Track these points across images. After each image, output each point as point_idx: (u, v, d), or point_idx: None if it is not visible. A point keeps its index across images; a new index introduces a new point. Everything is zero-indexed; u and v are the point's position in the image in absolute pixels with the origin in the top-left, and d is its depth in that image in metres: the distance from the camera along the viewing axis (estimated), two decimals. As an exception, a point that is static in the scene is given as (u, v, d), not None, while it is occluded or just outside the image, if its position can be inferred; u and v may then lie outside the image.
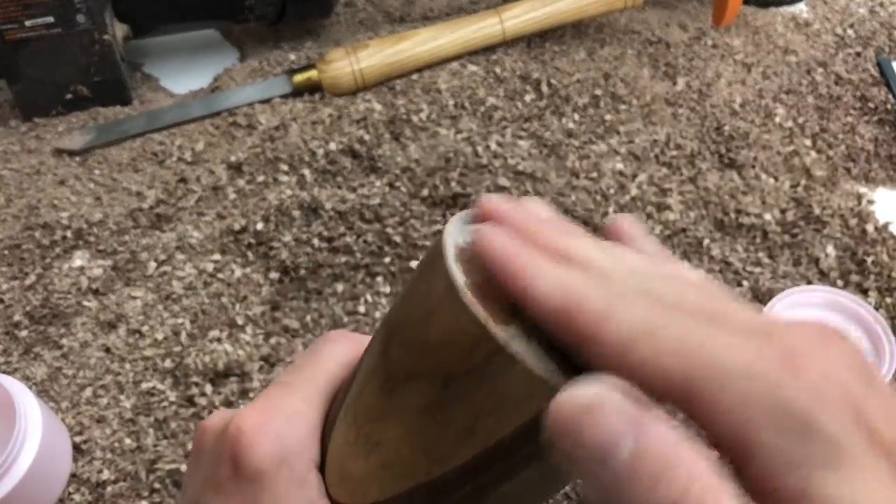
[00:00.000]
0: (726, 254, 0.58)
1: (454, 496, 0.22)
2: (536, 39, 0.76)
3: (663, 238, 0.58)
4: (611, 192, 0.61)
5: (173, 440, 0.48)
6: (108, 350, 0.52)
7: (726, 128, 0.67)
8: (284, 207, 0.59)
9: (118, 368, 0.51)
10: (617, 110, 0.69)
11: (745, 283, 0.56)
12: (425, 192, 0.60)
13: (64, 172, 0.64)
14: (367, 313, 0.55)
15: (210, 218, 0.60)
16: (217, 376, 0.50)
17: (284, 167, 0.63)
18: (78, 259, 0.58)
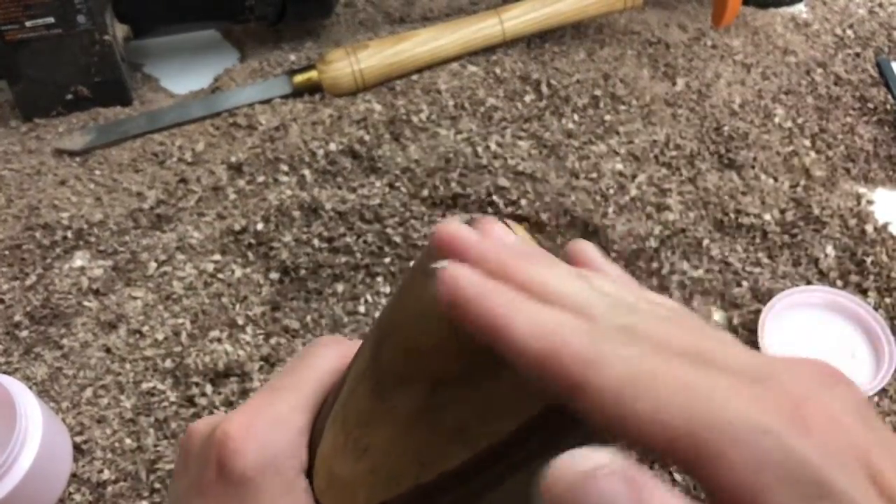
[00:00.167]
0: (726, 254, 0.58)
1: (444, 501, 0.22)
2: (536, 40, 0.76)
3: (663, 238, 0.58)
4: (610, 192, 0.61)
5: (173, 440, 0.48)
6: (108, 350, 0.52)
7: (726, 128, 0.67)
8: (285, 208, 0.59)
9: (118, 368, 0.51)
10: (616, 111, 0.69)
11: (744, 283, 0.56)
12: (425, 192, 0.60)
13: (64, 173, 0.64)
14: (367, 313, 0.55)
15: (210, 218, 0.60)
16: (217, 376, 0.50)
17: (284, 167, 0.63)
18: (78, 259, 0.58)
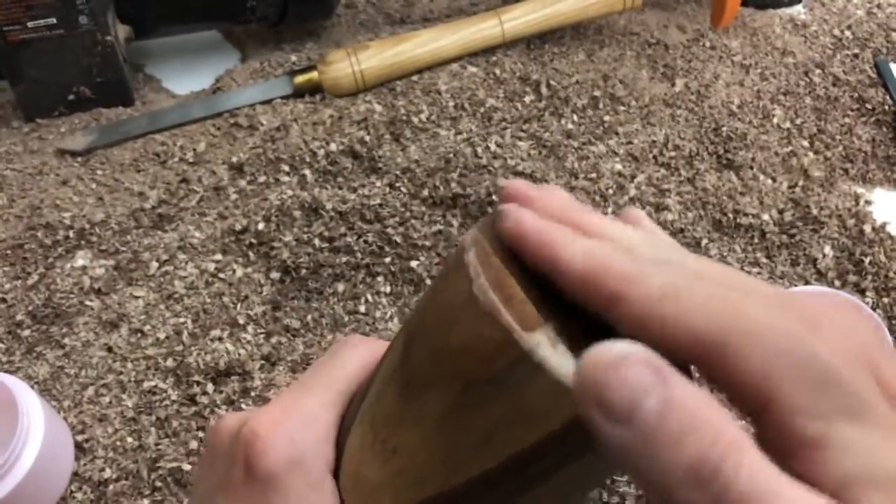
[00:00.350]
0: (724, 254, 0.58)
1: None
2: (536, 41, 0.76)
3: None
4: (610, 192, 0.61)
5: (175, 439, 0.48)
6: (110, 349, 0.52)
7: (724, 129, 0.68)
8: (285, 208, 0.59)
9: (120, 367, 0.51)
10: (616, 111, 0.69)
11: (743, 283, 0.56)
12: (425, 192, 0.61)
13: (66, 173, 0.64)
14: (367, 313, 0.55)
15: (211, 218, 0.60)
16: (218, 375, 0.51)
17: (285, 168, 0.64)
18: (80, 259, 0.58)
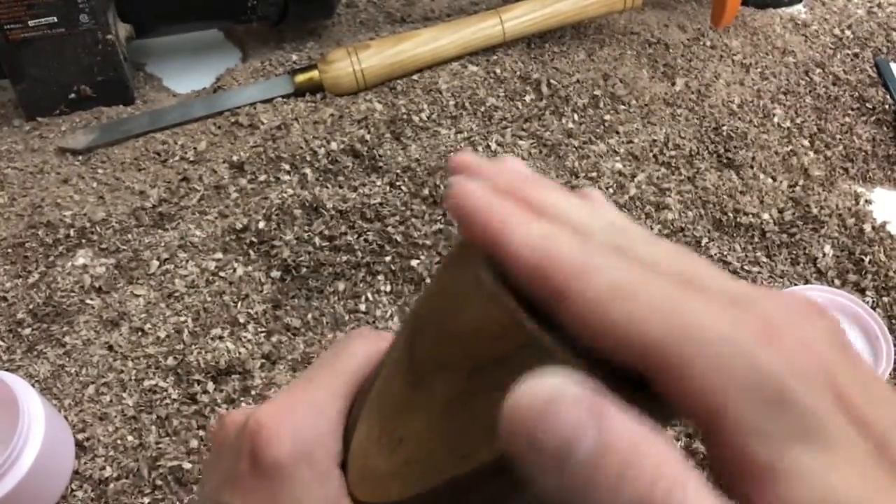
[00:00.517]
0: (724, 253, 0.58)
1: (480, 495, 0.21)
2: (536, 40, 0.76)
3: (662, 237, 0.59)
4: (610, 191, 0.61)
5: (175, 437, 0.48)
6: (110, 348, 0.52)
7: (725, 128, 0.68)
8: (286, 206, 0.60)
9: (121, 366, 0.51)
10: (616, 111, 0.69)
11: (743, 282, 0.56)
12: (426, 191, 0.61)
13: (67, 171, 0.64)
14: (367, 311, 0.55)
15: (212, 217, 0.60)
16: (219, 374, 0.51)
17: (286, 166, 0.64)
18: (81, 257, 0.58)
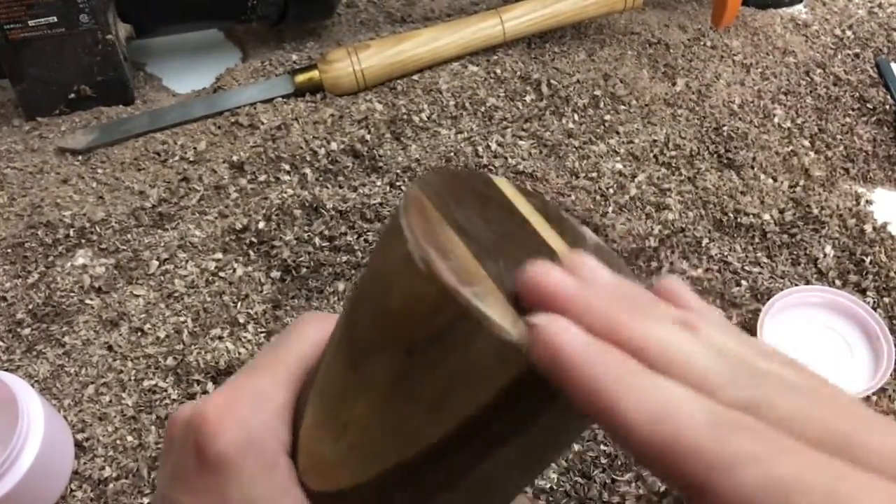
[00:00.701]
0: (725, 253, 0.58)
1: (430, 478, 0.21)
2: (537, 40, 0.76)
3: (662, 237, 0.59)
4: (610, 191, 0.61)
5: (175, 437, 0.48)
6: (110, 348, 0.52)
7: (725, 128, 0.68)
8: (286, 207, 0.60)
9: (120, 366, 0.51)
10: (616, 111, 0.69)
11: (743, 282, 0.56)
12: (426, 191, 0.61)
13: (67, 171, 0.64)
14: (367, 312, 0.55)
15: (212, 217, 0.60)
16: (219, 374, 0.51)
17: (286, 167, 0.64)
18: (80, 257, 0.58)
